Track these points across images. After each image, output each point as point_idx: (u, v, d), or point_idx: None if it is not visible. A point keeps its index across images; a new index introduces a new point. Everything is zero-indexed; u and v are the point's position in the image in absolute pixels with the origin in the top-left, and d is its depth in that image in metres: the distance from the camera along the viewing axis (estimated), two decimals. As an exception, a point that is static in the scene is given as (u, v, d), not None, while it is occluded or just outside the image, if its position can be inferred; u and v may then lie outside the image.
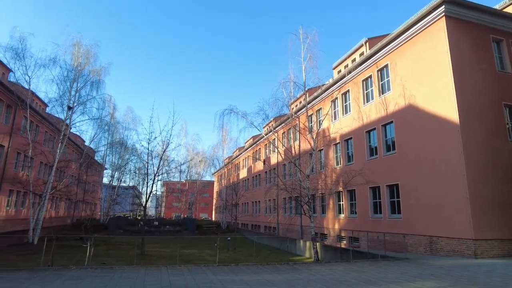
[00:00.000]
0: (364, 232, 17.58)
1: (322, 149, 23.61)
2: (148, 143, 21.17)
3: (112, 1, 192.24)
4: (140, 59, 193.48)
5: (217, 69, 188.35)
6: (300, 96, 25.24)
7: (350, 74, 20.43)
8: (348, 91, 21.28)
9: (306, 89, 18.92)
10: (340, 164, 21.50)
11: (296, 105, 27.78)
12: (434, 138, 14.35)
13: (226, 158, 53.93)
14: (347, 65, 23.59)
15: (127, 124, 43.93)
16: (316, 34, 18.84)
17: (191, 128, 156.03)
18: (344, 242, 20.18)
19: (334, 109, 22.91)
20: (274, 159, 33.40)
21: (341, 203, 21.18)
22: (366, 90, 19.64)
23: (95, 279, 8.71)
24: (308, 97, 21.15)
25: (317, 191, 21.32)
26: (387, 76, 17.79)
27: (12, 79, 26.12)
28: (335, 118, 22.76)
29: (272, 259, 16.05)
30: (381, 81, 18.37)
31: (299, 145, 23.71)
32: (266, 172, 36.24)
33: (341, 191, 20.96)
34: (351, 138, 20.51)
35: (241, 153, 47.97)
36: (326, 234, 22.67)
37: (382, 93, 18.03)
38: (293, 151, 23.21)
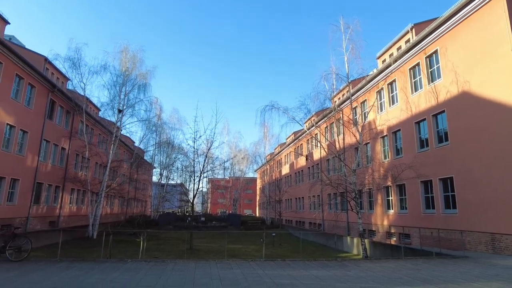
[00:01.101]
0: (416, 228, 16.71)
1: (369, 143, 22.78)
2: (194, 142, 21.86)
3: (157, 2, 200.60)
4: (183, 59, 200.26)
5: (252, 68, 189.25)
6: (343, 88, 24.55)
7: (396, 63, 19.45)
8: (394, 80, 20.30)
9: (349, 80, 18.32)
10: (388, 157, 20.61)
11: (339, 98, 27.06)
12: (492, 126, 13.20)
13: (268, 155, 54.13)
14: (392, 54, 22.49)
15: (173, 124, 45.79)
16: (358, 23, 18.14)
17: (233, 126, 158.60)
18: (394, 238, 19.35)
19: (379, 100, 21.99)
20: (317, 155, 32.87)
21: (390, 198, 20.31)
22: (414, 79, 18.60)
23: (149, 271, 9.17)
24: (352, 88, 20.49)
25: (364, 186, 20.62)
26: (437, 63, 16.68)
27: (69, 87, 28.33)
28: (381, 110, 21.84)
29: (319, 255, 15.81)
30: (430, 69, 17.27)
31: (343, 139, 23.09)
32: (309, 168, 35.80)
33: (390, 186, 20.09)
34: (399, 130, 19.56)
35: (283, 149, 47.83)
36: (374, 231, 21.89)
37: (432, 81, 16.95)
38: (337, 145, 22.61)
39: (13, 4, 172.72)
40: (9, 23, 22.20)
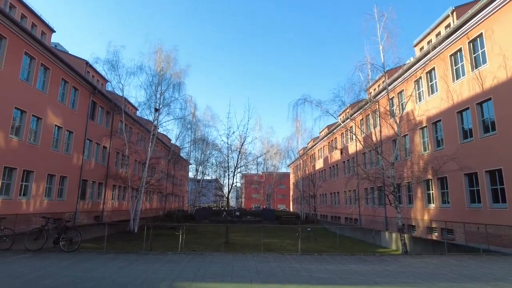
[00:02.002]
0: (460, 223, 15.87)
1: (407, 134, 21.89)
2: (227, 138, 22.20)
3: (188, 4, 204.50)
4: (214, 57, 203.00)
5: (283, 62, 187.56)
6: (379, 79, 23.74)
7: (435, 50, 18.46)
8: (433, 68, 19.30)
9: (385, 70, 17.69)
10: (428, 149, 19.69)
11: (375, 89, 26.20)
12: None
13: (301, 149, 53.65)
14: (430, 41, 21.36)
15: (206, 121, 46.73)
16: (393, 11, 17.45)
17: (265, 121, 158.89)
18: (436, 234, 18.52)
19: (418, 90, 21.02)
20: (352, 148, 32.12)
21: (431, 192, 19.44)
22: (455, 66, 17.56)
23: (189, 263, 9.49)
24: (388, 78, 19.72)
25: (403, 179, 19.88)
26: (482, 47, 15.62)
27: (109, 88, 29.75)
28: (419, 100, 20.89)
29: (356, 250, 15.51)
30: (473, 54, 16.22)
31: (380, 131, 22.32)
32: (344, 162, 35.08)
33: (430, 179, 19.21)
34: (439, 120, 18.61)
35: (316, 144, 47.20)
36: (414, 226, 21.07)
37: (476, 67, 15.91)
38: (373, 138, 21.94)
39: (56, 11, 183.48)
40: (54, 31, 23.66)
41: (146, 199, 38.33)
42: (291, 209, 72.04)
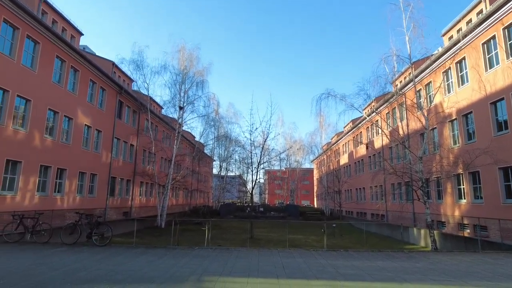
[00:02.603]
0: (495, 220, 15.17)
1: (435, 127, 21.12)
2: (250, 134, 22.34)
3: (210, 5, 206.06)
4: (236, 52, 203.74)
5: (307, 55, 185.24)
6: (405, 71, 23.03)
7: (466, 38, 17.63)
8: (463, 58, 18.46)
9: (412, 61, 17.13)
10: (458, 143, 18.92)
11: (401, 81, 25.44)
12: None
13: (325, 145, 53.02)
14: (460, 29, 20.44)
15: (229, 118, 47.17)
16: (419, -1, 16.84)
17: (287, 117, 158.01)
18: (468, 230, 17.81)
19: (447, 81, 20.20)
20: (378, 142, 31.40)
21: (462, 187, 18.69)
22: (488, 55, 16.72)
23: (215, 258, 9.66)
24: (415, 70, 19.07)
25: (432, 174, 19.24)
26: (518, 34, 14.77)
27: (134, 87, 30.57)
28: (448, 91, 20.07)
29: (383, 247, 15.21)
30: (509, 41, 15.36)
31: (407, 125, 21.70)
32: (369, 156, 34.38)
33: (461, 174, 18.47)
34: (471, 112, 17.81)
35: (341, 138, 46.49)
36: (444, 222, 20.37)
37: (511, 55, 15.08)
38: (400, 132, 21.33)
39: (82, 13, 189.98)
40: (83, 34, 24.55)
41: (173, 195, 39.22)
42: (315, 205, 71.50)
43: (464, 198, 18.39)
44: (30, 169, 16.40)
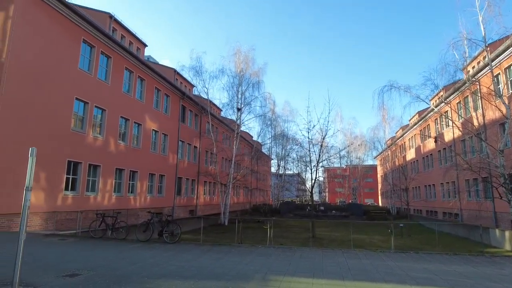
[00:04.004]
0: None
1: (518, 116, 18.78)
2: (308, 132, 22.03)
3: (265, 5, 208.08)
4: (291, 50, 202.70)
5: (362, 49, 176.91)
6: (478, 55, 20.83)
7: (555, 12, 15.37)
8: (553, 35, 16.14)
9: (487, 44, 15.44)
10: (549, 132, 16.58)
11: (473, 67, 23.07)
12: None
13: (389, 139, 50.17)
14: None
15: (285, 116, 47.20)
16: (495, -27, 15.10)
17: (346, 112, 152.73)
18: None
19: (532, 63, 17.84)
20: (448, 135, 28.85)
21: (556, 182, 16.34)
22: None
23: (278, 257, 9.73)
24: (491, 53, 17.14)
25: (515, 168, 17.14)
26: None
27: (195, 92, 32.11)
28: (534, 75, 17.70)
29: (459, 249, 13.94)
30: None
31: (483, 115, 19.59)
32: (439, 151, 31.76)
33: (554, 167, 16.16)
34: None
35: (406, 132, 43.65)
36: (534, 222, 18.01)
37: None
38: (475, 123, 19.36)
39: (140, 21, 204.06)
40: (146, 46, 26.45)
41: (234, 193, 40.39)
42: (380, 204, 68.14)
43: (559, 196, 16.06)
44: (107, 172, 18.15)
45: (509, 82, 19.36)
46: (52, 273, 6.63)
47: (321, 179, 69.92)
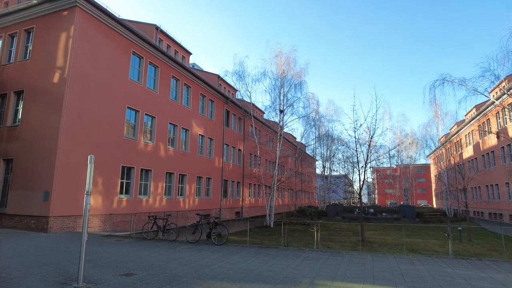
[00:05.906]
0: None
1: None
2: (354, 131, 21.40)
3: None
4: (333, 46, 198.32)
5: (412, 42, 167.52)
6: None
7: None
8: None
9: (557, 28, 13.85)
10: None
11: (540, 54, 20.82)
12: None
13: (442, 137, 46.98)
14: None
15: (330, 116, 46.20)
16: None
17: (395, 108, 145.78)
18: None
19: None
20: (512, 130, 26.35)
21: None
22: None
23: (327, 261, 9.51)
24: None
25: None
26: None
27: (238, 96, 32.67)
28: None
29: (530, 256, 12.61)
30: None
31: (554, 107, 17.57)
32: (502, 147, 29.09)
33: None
34: None
35: (462, 128, 40.58)
36: None
37: None
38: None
39: (183, 30, 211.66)
40: (191, 54, 27.43)
41: (279, 195, 40.34)
42: (434, 205, 63.96)
43: None
44: (158, 176, 19.06)
45: None
46: (111, 272, 7.09)
47: (369, 180, 67.36)
